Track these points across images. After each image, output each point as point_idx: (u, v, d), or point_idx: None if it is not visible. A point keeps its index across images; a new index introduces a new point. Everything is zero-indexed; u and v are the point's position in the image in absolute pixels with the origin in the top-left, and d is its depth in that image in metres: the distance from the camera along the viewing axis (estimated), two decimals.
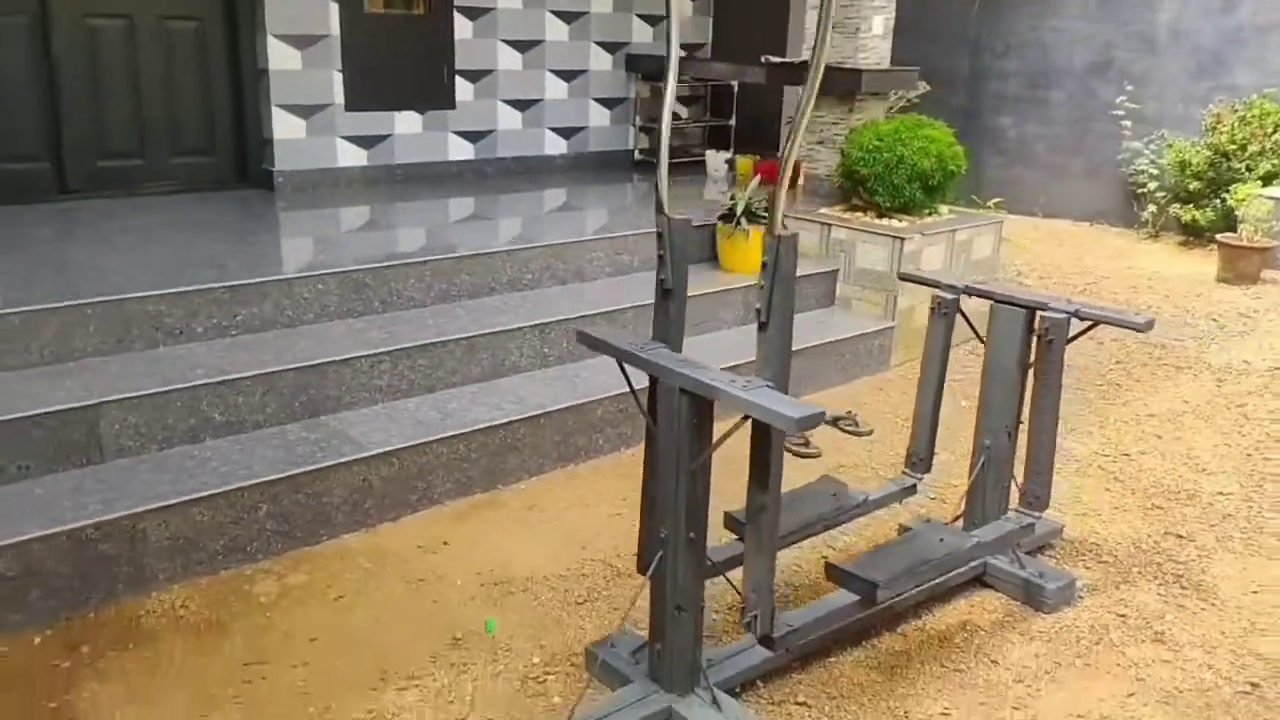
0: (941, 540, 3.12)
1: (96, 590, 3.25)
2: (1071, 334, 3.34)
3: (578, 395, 4.42)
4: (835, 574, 2.93)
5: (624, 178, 7.49)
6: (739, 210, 5.57)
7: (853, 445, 4.70)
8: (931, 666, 3.13)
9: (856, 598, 2.96)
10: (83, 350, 3.90)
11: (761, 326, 2.59)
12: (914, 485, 3.66)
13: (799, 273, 2.85)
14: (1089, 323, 3.28)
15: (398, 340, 4.30)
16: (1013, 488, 3.56)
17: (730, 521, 3.15)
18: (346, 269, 4.54)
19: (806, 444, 4.68)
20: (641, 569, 2.88)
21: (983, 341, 3.50)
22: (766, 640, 2.75)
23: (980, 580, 3.56)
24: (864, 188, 6.00)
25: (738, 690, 2.94)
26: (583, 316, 4.80)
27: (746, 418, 2.44)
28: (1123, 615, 3.42)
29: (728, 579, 2.96)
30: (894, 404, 5.19)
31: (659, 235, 2.68)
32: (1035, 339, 3.35)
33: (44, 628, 3.14)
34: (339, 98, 6.44)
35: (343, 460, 3.72)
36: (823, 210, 6.19)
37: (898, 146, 5.84)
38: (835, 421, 4.85)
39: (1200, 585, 3.61)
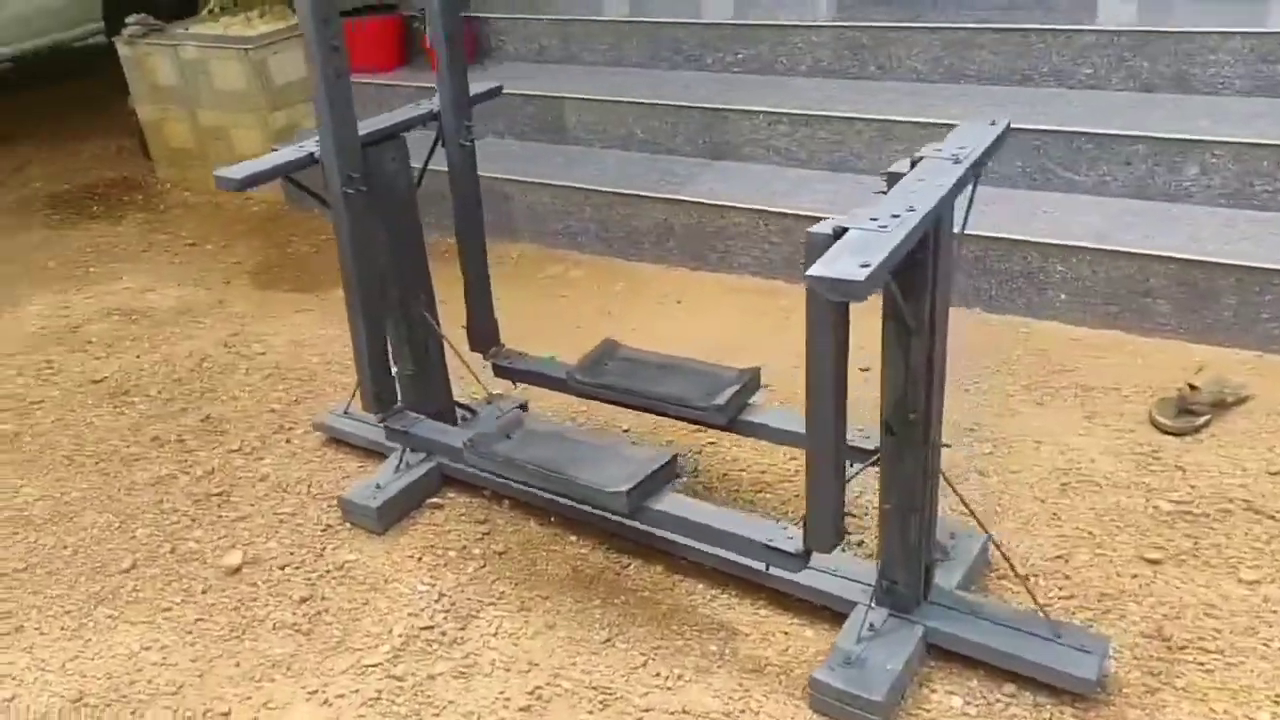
0: (618, 461, 2.27)
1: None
2: None
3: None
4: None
5: None
6: None
7: None
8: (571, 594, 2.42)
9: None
10: (628, 60, 4.87)
11: None
12: (872, 454, 2.33)
13: None
14: None
15: (801, 104, 4.07)
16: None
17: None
18: (844, 24, 4.28)
19: (1183, 414, 2.90)
20: None
21: None
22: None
23: None
24: None
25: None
26: (1088, 134, 3.59)
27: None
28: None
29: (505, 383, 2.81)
30: None
31: None
32: None
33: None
34: None
35: (682, 199, 4.02)
36: None
37: None
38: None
39: None
